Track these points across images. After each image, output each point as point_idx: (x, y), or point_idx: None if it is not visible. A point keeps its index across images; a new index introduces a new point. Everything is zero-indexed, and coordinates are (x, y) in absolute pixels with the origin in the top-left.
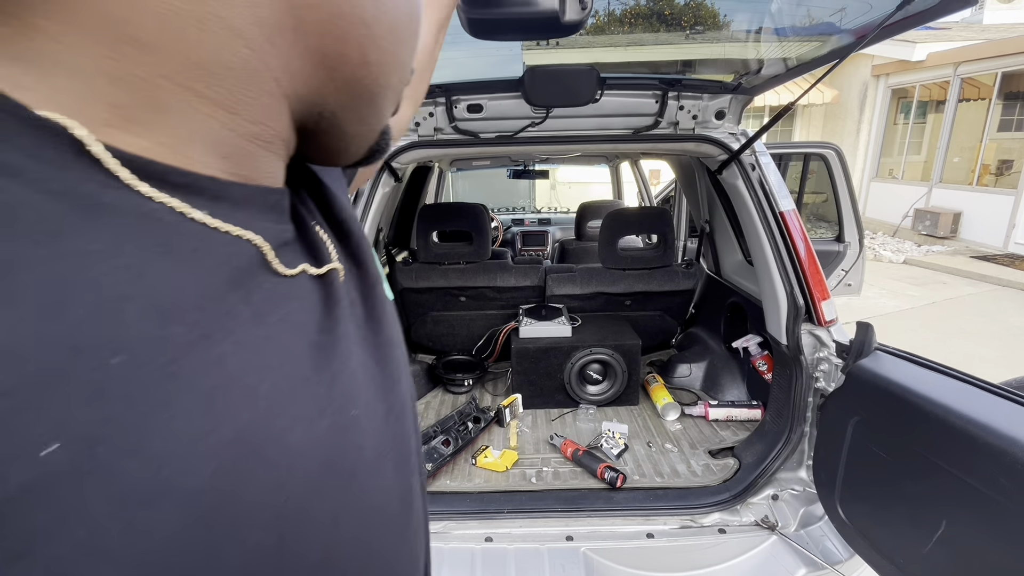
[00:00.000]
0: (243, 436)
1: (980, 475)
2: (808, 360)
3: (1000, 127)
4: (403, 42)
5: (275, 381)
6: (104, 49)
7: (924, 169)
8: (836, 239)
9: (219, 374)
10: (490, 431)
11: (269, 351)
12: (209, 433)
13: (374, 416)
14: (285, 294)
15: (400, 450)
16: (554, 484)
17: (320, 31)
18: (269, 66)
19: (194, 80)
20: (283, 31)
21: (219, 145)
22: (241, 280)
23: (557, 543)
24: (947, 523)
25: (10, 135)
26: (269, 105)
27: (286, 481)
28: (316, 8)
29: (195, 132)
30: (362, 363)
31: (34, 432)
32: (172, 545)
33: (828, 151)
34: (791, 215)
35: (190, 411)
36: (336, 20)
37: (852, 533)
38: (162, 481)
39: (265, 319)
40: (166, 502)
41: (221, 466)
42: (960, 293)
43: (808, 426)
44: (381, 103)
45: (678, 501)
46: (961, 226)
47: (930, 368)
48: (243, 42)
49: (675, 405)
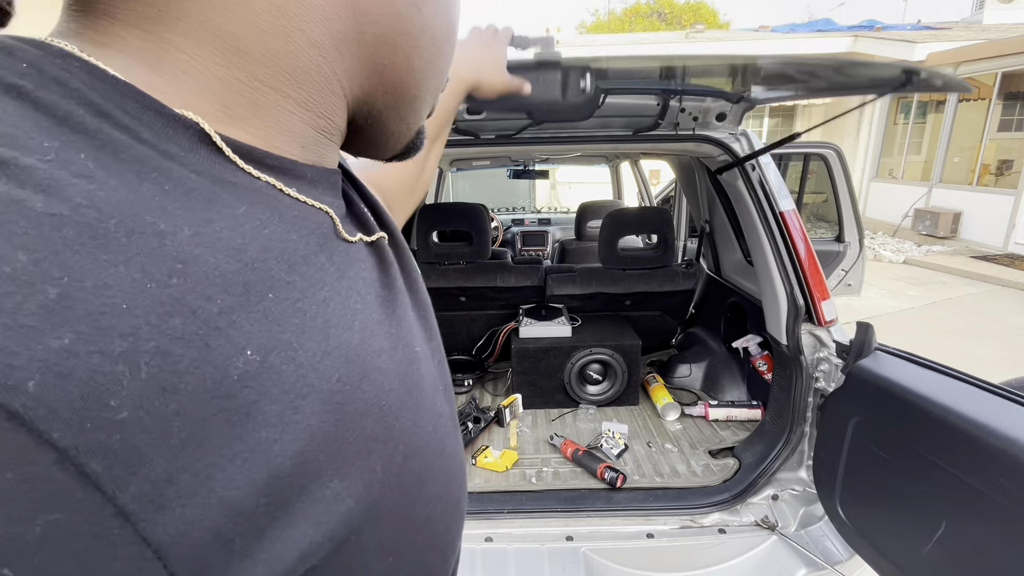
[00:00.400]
0: (350, 357)
1: (980, 475)
2: (808, 360)
3: (1000, 127)
4: (441, 53)
5: (362, 321)
6: (219, 59)
7: (924, 169)
8: (836, 239)
9: (327, 312)
10: (490, 431)
11: (353, 298)
12: (328, 353)
13: (426, 356)
14: (353, 256)
15: (445, 384)
16: (554, 484)
17: (376, 42)
18: (335, 71)
19: (282, 83)
20: (348, 42)
21: (297, 136)
22: (325, 243)
23: (557, 543)
24: (947, 523)
25: (159, 128)
26: (334, 103)
27: (380, 391)
28: (376, 24)
29: (281, 125)
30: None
31: (240, 339)
32: (319, 424)
33: (828, 151)
34: (791, 215)
35: (314, 336)
36: (390, 34)
37: (852, 533)
38: (308, 382)
39: (345, 274)
40: (312, 396)
41: (340, 377)
42: (960, 293)
43: (808, 426)
44: (420, 105)
45: (678, 501)
46: (961, 226)
47: (930, 368)
48: (318, 51)
49: (675, 405)
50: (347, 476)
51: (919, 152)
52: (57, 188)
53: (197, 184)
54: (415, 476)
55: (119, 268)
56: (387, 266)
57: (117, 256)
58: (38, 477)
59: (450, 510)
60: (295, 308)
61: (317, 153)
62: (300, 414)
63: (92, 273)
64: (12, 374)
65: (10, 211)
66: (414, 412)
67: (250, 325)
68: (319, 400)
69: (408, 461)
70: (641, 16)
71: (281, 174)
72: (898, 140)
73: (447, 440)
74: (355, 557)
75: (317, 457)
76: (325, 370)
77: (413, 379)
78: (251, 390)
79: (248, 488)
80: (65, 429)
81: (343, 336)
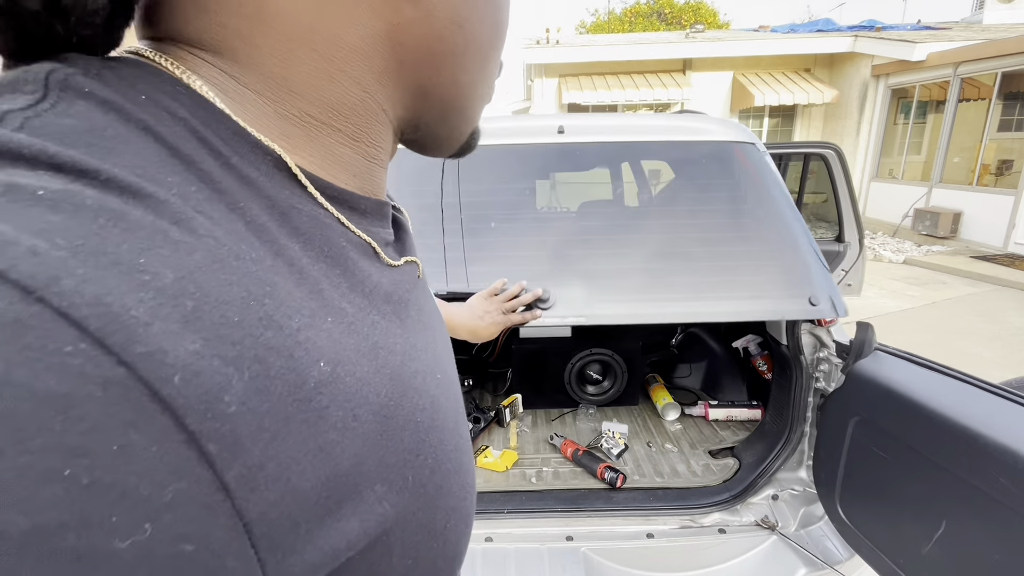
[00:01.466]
0: (394, 376)
1: (980, 475)
2: (808, 360)
3: (1000, 127)
4: (488, 59)
5: (402, 344)
6: (272, 96)
7: (924, 169)
8: (836, 239)
9: (376, 334)
10: (490, 431)
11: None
12: (378, 371)
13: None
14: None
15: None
16: (554, 484)
17: (418, 66)
18: (379, 102)
19: (331, 119)
20: (390, 73)
21: (349, 165)
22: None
23: (557, 543)
24: (947, 523)
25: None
26: (382, 132)
27: (416, 409)
28: (415, 51)
29: (335, 156)
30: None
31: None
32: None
33: (828, 151)
34: None
35: (367, 355)
36: (432, 56)
37: (852, 533)
38: (364, 395)
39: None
40: (366, 407)
41: (387, 392)
42: (960, 293)
43: (808, 426)
44: (470, 112)
45: (678, 501)
46: (961, 226)
47: (930, 368)
48: (361, 87)
49: (675, 405)
50: (387, 482)
51: (919, 152)
52: (186, 220)
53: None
54: (438, 488)
55: (233, 288)
56: (420, 290)
57: (231, 277)
58: (174, 452)
59: (462, 523)
60: (350, 329)
61: (369, 181)
62: (358, 422)
63: (215, 290)
64: (165, 369)
65: (158, 238)
66: (440, 431)
67: (320, 341)
68: (371, 411)
69: (433, 474)
70: (641, 16)
71: (339, 203)
72: (898, 140)
73: (464, 459)
74: (383, 555)
75: (367, 461)
76: (376, 385)
77: (439, 401)
78: (323, 396)
79: (315, 482)
80: (195, 416)
81: (388, 357)
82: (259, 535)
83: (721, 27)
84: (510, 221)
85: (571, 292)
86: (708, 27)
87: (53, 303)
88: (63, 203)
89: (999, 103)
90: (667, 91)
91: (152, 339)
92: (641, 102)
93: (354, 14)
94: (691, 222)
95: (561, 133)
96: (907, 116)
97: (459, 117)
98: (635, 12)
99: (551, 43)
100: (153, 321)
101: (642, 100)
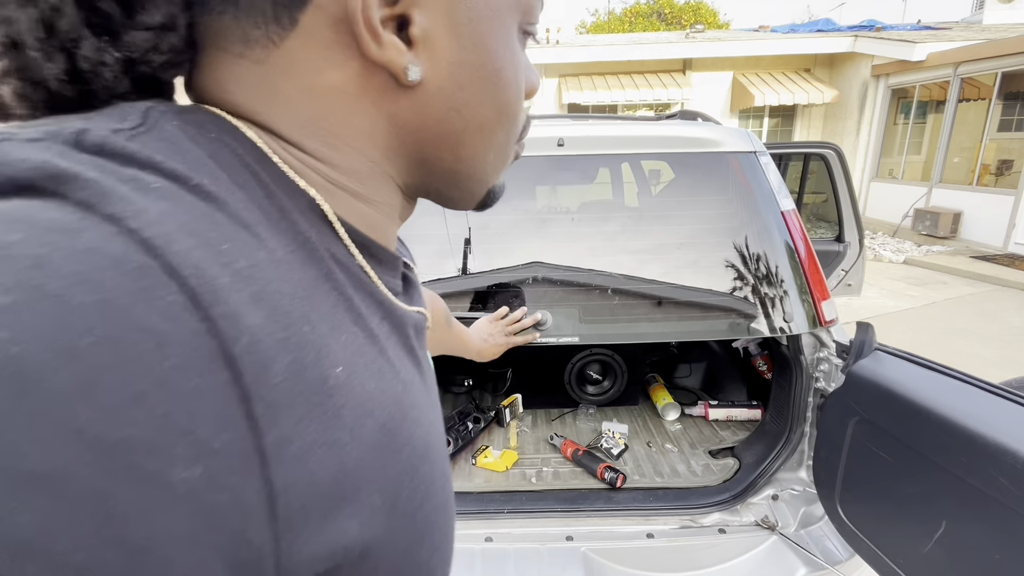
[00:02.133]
0: (395, 400)
1: (980, 475)
2: (808, 360)
3: (1000, 127)
4: (494, 132)
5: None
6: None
7: (924, 169)
8: (836, 239)
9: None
10: (490, 431)
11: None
12: (383, 391)
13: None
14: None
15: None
16: (554, 484)
17: (419, 146)
18: (386, 171)
19: (348, 182)
20: (394, 149)
21: (365, 217)
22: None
23: (557, 543)
24: (947, 523)
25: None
26: (392, 193)
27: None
28: (415, 132)
29: (357, 213)
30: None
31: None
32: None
33: (828, 151)
34: (791, 215)
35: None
36: (432, 137)
37: (852, 533)
38: (370, 407)
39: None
40: (372, 419)
41: (390, 413)
42: (960, 293)
43: (808, 426)
44: (481, 177)
45: (678, 501)
46: (961, 226)
47: (930, 368)
48: (369, 159)
49: (675, 405)
50: (383, 493)
51: (919, 152)
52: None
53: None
54: (425, 521)
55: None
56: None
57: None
58: (230, 405)
59: (443, 564)
60: (360, 350)
61: (384, 235)
62: (364, 430)
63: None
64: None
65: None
66: (432, 466)
67: (338, 350)
68: (376, 423)
69: (423, 503)
70: (641, 16)
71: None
72: (898, 140)
73: (448, 501)
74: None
75: (369, 468)
76: (380, 403)
77: (430, 438)
78: (340, 397)
79: (325, 475)
80: (251, 378)
81: (391, 383)
82: (281, 507)
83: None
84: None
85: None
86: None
87: (166, 259)
88: (171, 195)
89: (999, 103)
90: (667, 91)
91: (230, 304)
92: (641, 102)
93: (356, 106)
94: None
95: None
96: (907, 116)
97: (469, 182)
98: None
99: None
100: (231, 292)
101: (642, 100)
